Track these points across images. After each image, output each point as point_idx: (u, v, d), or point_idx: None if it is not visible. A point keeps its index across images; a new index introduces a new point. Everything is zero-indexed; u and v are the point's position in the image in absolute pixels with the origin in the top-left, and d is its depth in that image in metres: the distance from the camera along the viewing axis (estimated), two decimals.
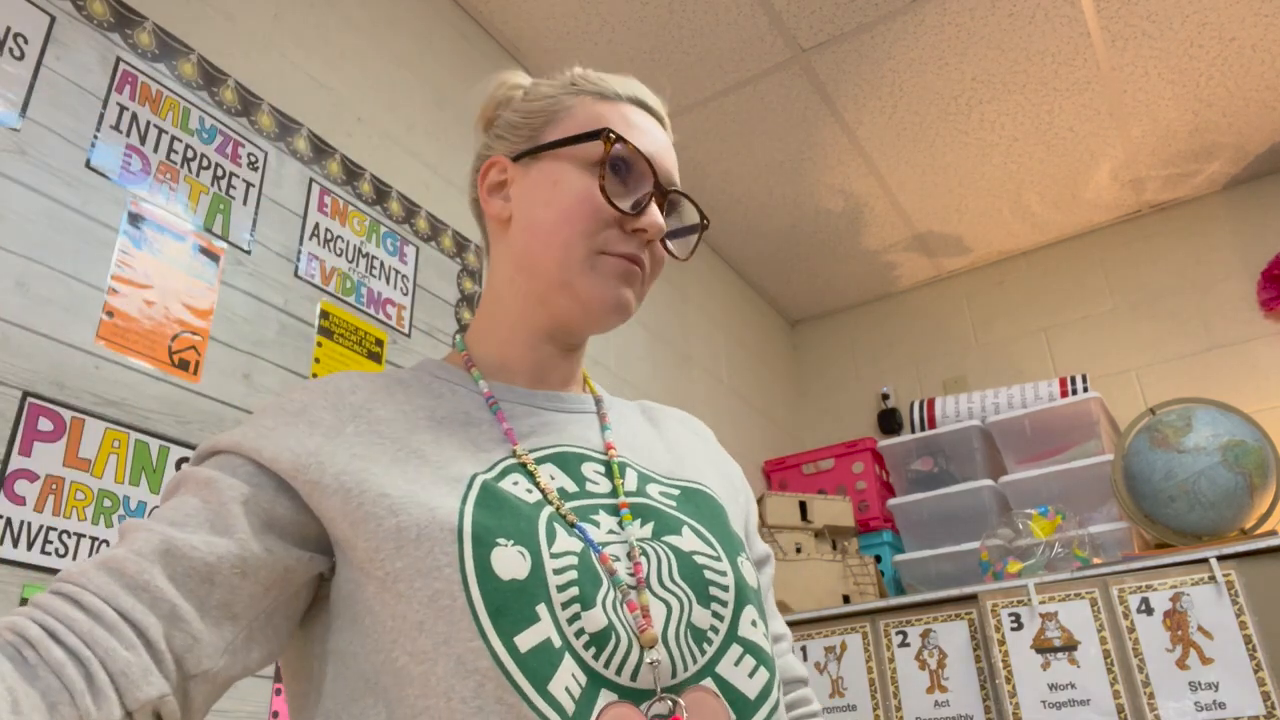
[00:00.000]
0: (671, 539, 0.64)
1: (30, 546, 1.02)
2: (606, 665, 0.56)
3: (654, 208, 0.70)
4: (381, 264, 1.63)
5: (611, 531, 0.63)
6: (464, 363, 0.75)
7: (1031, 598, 1.93)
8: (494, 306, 0.75)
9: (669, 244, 0.74)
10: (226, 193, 1.38)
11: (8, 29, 1.14)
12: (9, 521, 1.01)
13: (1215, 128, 2.49)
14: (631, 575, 0.60)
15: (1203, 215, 2.76)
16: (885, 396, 3.06)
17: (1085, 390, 2.43)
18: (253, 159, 1.44)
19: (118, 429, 1.14)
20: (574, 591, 0.56)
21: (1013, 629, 1.93)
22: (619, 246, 0.69)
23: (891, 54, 2.21)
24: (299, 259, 1.47)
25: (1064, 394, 2.47)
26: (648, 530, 0.64)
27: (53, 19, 1.20)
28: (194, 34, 1.40)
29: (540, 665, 0.53)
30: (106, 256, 1.19)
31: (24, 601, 1.00)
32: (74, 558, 1.06)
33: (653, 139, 0.73)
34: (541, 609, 0.55)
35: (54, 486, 1.06)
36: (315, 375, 1.43)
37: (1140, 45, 2.20)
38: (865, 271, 3.11)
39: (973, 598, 2.02)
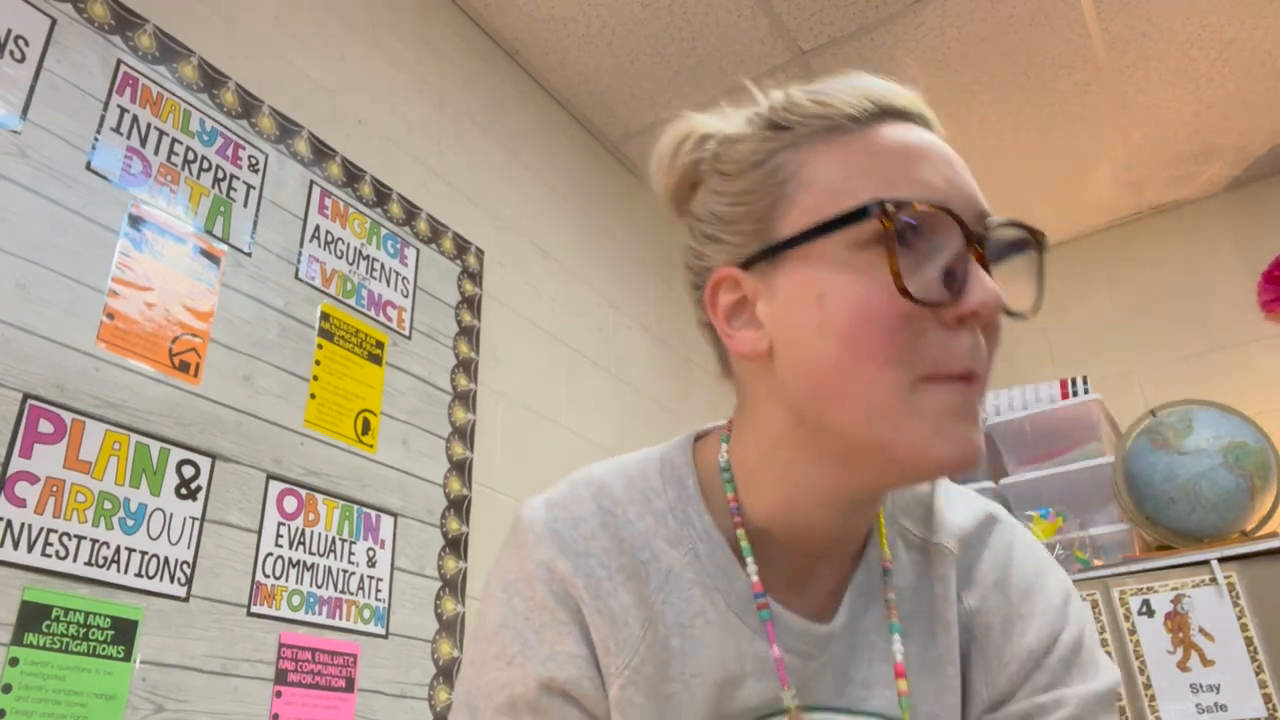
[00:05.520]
0: None
1: (31, 549, 1.02)
2: None
3: (977, 272, 0.48)
4: (382, 266, 1.63)
5: None
6: (729, 515, 0.57)
7: None
8: (769, 459, 0.55)
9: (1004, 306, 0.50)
10: (227, 195, 1.38)
11: (8, 31, 1.14)
12: (9, 524, 1.01)
13: (1215, 129, 2.49)
14: None
15: (1203, 217, 2.76)
16: None
17: (1086, 392, 2.43)
18: (253, 161, 1.44)
19: (118, 431, 1.14)
20: None
21: None
22: (947, 362, 0.48)
23: (892, 56, 2.21)
24: (299, 261, 1.47)
25: (1065, 396, 2.46)
26: None
27: (53, 21, 1.20)
28: (194, 36, 1.41)
29: None
30: (107, 259, 1.19)
31: (24, 604, 1.00)
32: (74, 560, 1.05)
33: (937, 165, 0.50)
34: None
35: (54, 489, 1.06)
36: (316, 378, 1.43)
37: (1140, 47, 2.20)
38: None
39: None
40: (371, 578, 1.42)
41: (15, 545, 1.01)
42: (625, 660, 0.52)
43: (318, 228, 1.52)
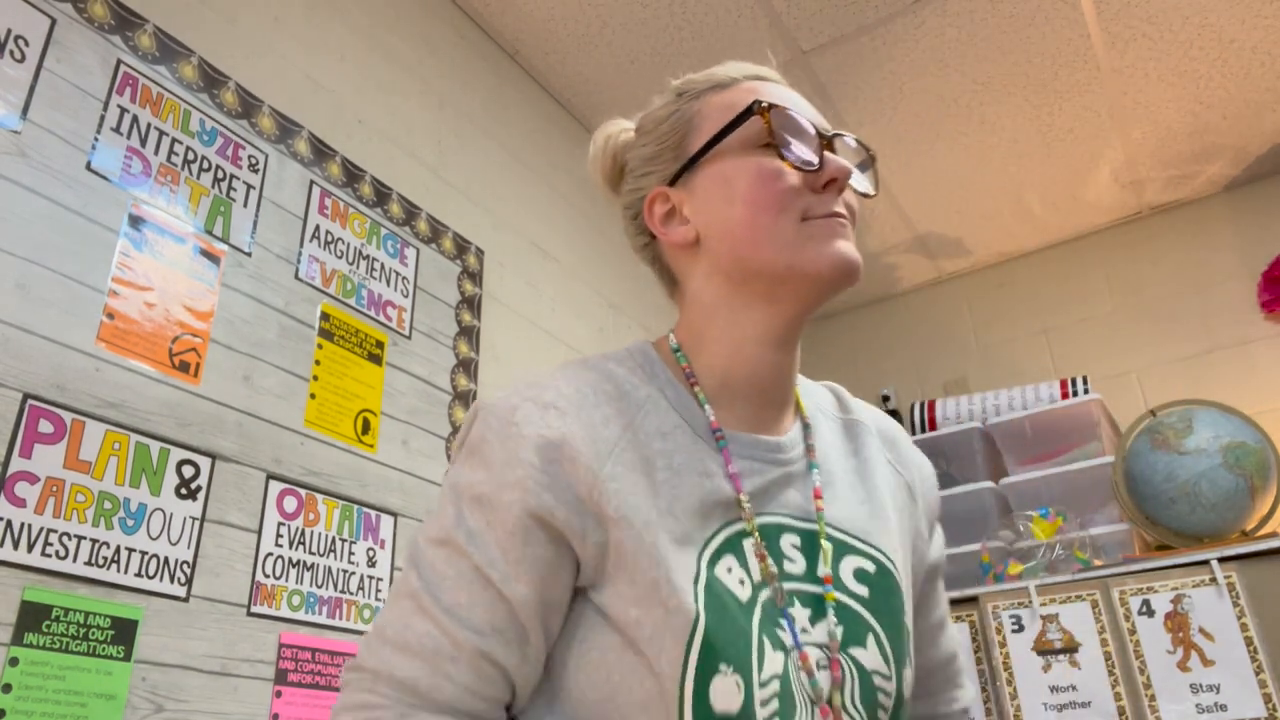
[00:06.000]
0: (857, 653, 0.66)
1: (30, 549, 1.02)
2: None
3: (831, 155, 0.69)
4: (382, 266, 1.63)
5: (804, 630, 0.65)
6: (685, 378, 0.72)
7: (1033, 600, 1.93)
8: (712, 322, 0.72)
9: (855, 187, 0.72)
10: (227, 195, 1.38)
11: (8, 31, 1.14)
12: (9, 524, 1.01)
13: (1215, 129, 2.49)
14: (828, 687, 0.63)
15: (1203, 217, 2.76)
16: (886, 398, 3.06)
17: (1086, 392, 2.43)
18: (253, 161, 1.44)
19: (118, 431, 1.14)
20: None
21: (1014, 631, 1.93)
22: (819, 209, 0.68)
23: (892, 56, 2.21)
24: (299, 261, 1.47)
25: (1065, 395, 2.46)
26: (838, 632, 0.66)
27: (53, 21, 1.20)
28: (195, 36, 1.41)
29: None
30: (107, 259, 1.19)
31: (24, 604, 1.00)
32: (74, 560, 1.06)
33: (792, 98, 0.73)
34: None
35: (54, 489, 1.06)
36: (316, 378, 1.43)
37: (1140, 47, 2.20)
38: (866, 273, 3.09)
39: (974, 599, 2.01)
40: (372, 578, 1.42)
41: (15, 545, 1.01)
42: (609, 449, 0.64)
43: (318, 228, 1.52)
